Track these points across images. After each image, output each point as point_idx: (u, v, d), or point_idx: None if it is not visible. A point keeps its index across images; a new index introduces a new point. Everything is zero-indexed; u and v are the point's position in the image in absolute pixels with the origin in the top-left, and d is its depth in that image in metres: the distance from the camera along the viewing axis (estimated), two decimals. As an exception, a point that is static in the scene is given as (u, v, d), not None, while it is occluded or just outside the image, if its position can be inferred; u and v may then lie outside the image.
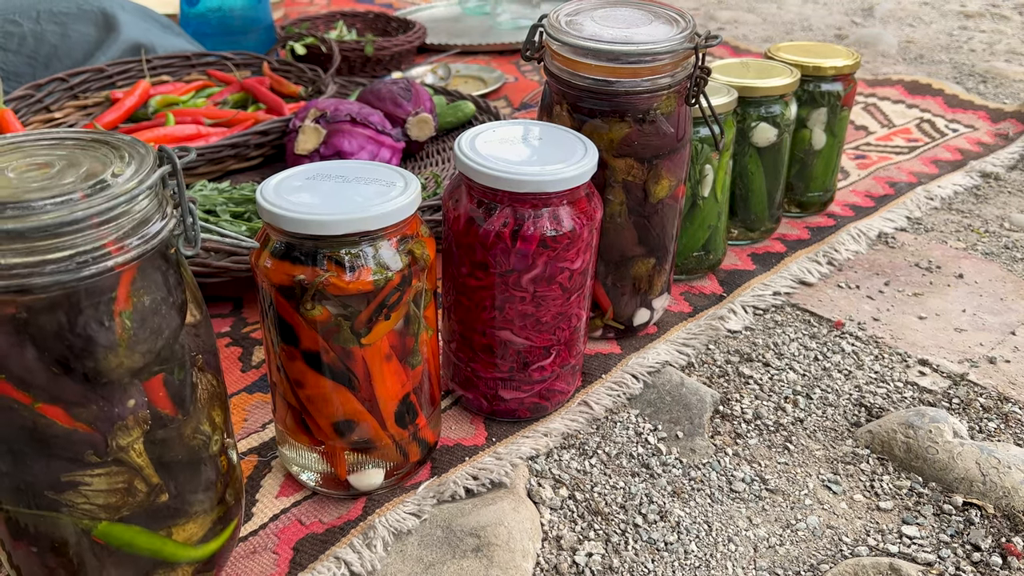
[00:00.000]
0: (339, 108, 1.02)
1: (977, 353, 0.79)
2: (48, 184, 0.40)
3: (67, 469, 0.44)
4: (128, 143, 0.45)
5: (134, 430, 0.44)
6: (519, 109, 1.37)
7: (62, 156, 0.44)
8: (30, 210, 0.38)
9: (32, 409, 0.42)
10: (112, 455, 0.44)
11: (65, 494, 0.44)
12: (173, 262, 0.45)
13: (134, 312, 0.42)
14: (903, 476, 0.65)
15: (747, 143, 0.88)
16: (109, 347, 0.42)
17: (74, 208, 0.38)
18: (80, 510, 0.45)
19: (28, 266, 0.38)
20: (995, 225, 1.03)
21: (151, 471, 0.46)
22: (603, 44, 0.65)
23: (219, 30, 1.44)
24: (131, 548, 0.47)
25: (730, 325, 0.82)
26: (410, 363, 0.57)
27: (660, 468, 0.65)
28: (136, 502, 0.46)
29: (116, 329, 0.42)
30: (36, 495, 0.44)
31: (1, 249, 0.38)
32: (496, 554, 0.56)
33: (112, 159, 0.43)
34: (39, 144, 0.45)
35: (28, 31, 1.20)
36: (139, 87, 1.18)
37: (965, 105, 1.37)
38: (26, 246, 0.38)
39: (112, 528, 0.46)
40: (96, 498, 0.45)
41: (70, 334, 0.41)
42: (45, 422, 0.42)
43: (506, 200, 0.59)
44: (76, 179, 0.41)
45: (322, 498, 0.61)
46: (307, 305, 0.52)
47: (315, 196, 0.53)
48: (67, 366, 0.41)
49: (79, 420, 0.42)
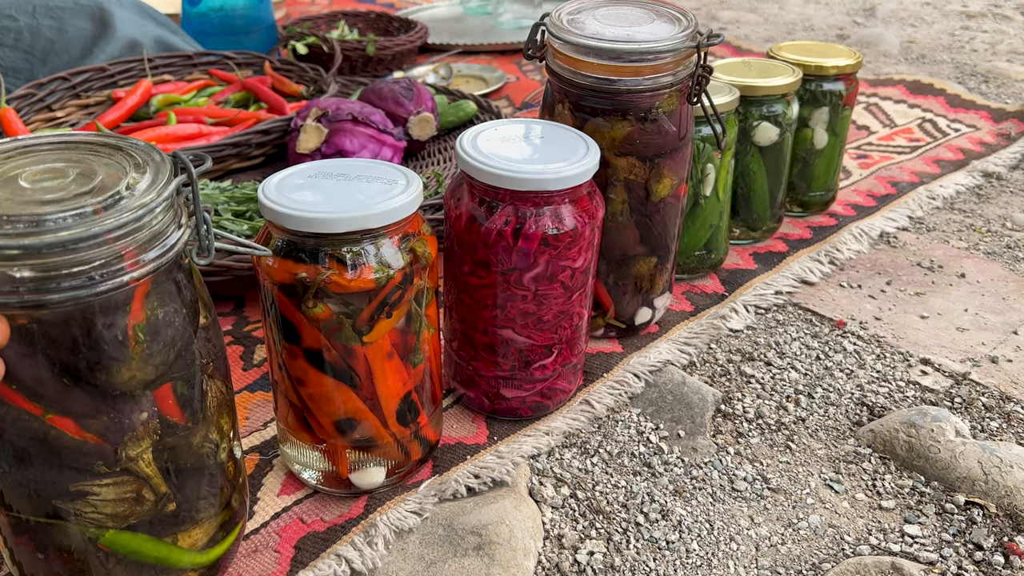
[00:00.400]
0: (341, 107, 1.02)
1: (979, 352, 0.79)
2: (62, 196, 0.39)
3: (76, 479, 0.43)
4: (143, 150, 0.44)
5: (144, 440, 0.44)
6: (520, 109, 1.37)
7: (76, 162, 0.43)
8: (43, 227, 0.37)
9: (42, 420, 0.41)
10: (121, 465, 0.43)
11: (73, 503, 0.44)
12: (186, 271, 0.44)
13: (147, 325, 0.42)
14: (905, 475, 0.65)
15: (749, 142, 0.88)
16: (122, 360, 0.41)
17: (90, 224, 0.37)
18: (88, 519, 0.44)
19: (41, 281, 0.37)
20: (997, 225, 1.03)
21: (159, 480, 0.45)
22: (605, 43, 0.65)
23: (221, 29, 1.44)
24: (137, 556, 0.47)
25: (732, 324, 0.82)
26: (412, 361, 0.57)
27: (662, 467, 0.65)
28: (143, 511, 0.46)
29: (129, 343, 0.41)
30: (44, 503, 0.44)
31: (15, 264, 0.37)
32: (497, 552, 0.56)
33: (127, 167, 0.42)
34: (53, 148, 0.44)
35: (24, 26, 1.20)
36: (141, 86, 1.18)
37: (967, 105, 1.37)
38: (40, 262, 0.37)
39: (119, 536, 0.46)
40: (104, 507, 0.44)
41: (82, 347, 0.40)
42: (55, 433, 0.41)
43: (508, 198, 0.59)
44: (91, 190, 0.40)
45: (323, 496, 0.61)
46: (309, 303, 0.52)
47: (317, 194, 0.53)
48: (78, 378, 0.40)
49: (89, 431, 0.42)
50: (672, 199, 0.72)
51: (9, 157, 0.43)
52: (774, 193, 0.93)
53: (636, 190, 0.70)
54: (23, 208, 0.38)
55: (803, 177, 0.99)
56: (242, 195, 0.92)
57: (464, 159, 0.60)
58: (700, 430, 0.69)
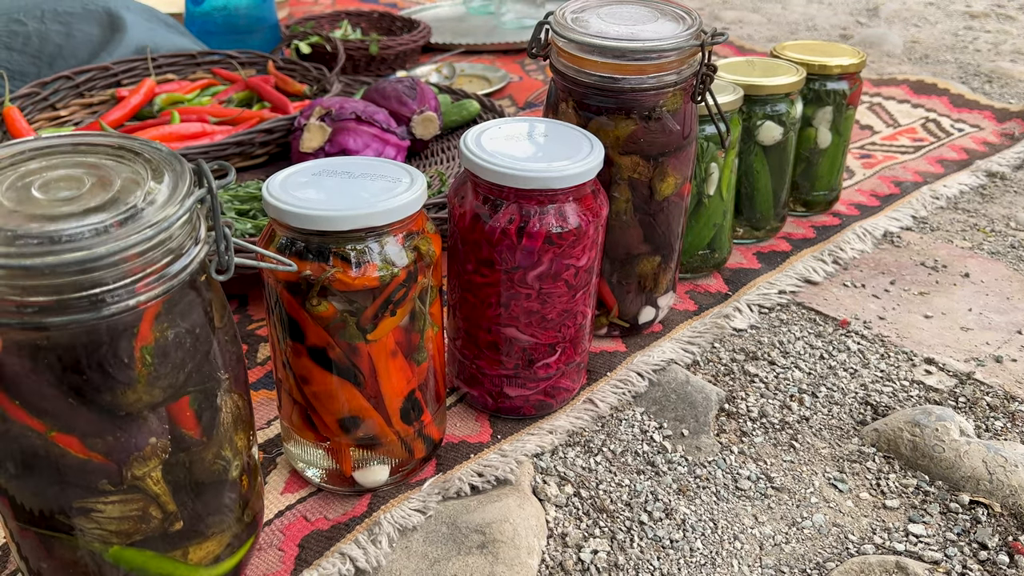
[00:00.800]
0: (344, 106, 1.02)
1: (983, 352, 0.79)
2: (75, 210, 0.37)
3: (80, 496, 0.42)
4: (165, 157, 0.41)
5: (151, 460, 0.42)
6: (523, 108, 1.37)
7: (92, 168, 0.41)
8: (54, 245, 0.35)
9: (46, 437, 0.40)
10: (127, 484, 0.42)
11: (78, 519, 0.43)
12: (203, 288, 0.42)
13: (156, 348, 0.40)
14: (909, 474, 0.65)
15: (753, 141, 0.88)
16: (127, 384, 0.39)
17: (103, 242, 0.35)
18: (92, 534, 0.43)
19: (45, 303, 0.35)
20: (1001, 224, 1.03)
21: (168, 499, 0.44)
22: (609, 41, 0.64)
23: (224, 29, 1.44)
24: (143, 572, 0.46)
25: (735, 323, 0.82)
26: (416, 359, 0.57)
27: (665, 466, 0.65)
28: (149, 528, 0.44)
29: (136, 366, 0.39)
30: (48, 517, 0.43)
31: (20, 286, 0.35)
32: (501, 551, 0.56)
33: (145, 175, 0.40)
34: (69, 151, 0.42)
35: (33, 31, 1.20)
36: (144, 85, 1.18)
37: (971, 105, 1.37)
38: (45, 283, 0.35)
39: (124, 552, 0.45)
40: (108, 524, 0.43)
41: (87, 368, 0.38)
42: (59, 451, 0.40)
43: (512, 197, 0.59)
44: (105, 203, 0.38)
45: (327, 495, 0.61)
46: (313, 301, 0.52)
47: (321, 192, 0.53)
48: (83, 398, 0.39)
49: (94, 450, 0.41)
50: (676, 198, 0.72)
51: (24, 160, 0.42)
52: (778, 192, 0.93)
53: (640, 189, 0.70)
54: (32, 224, 0.36)
55: (807, 176, 0.99)
56: (246, 194, 0.92)
57: (468, 157, 0.60)
58: (704, 429, 0.69)
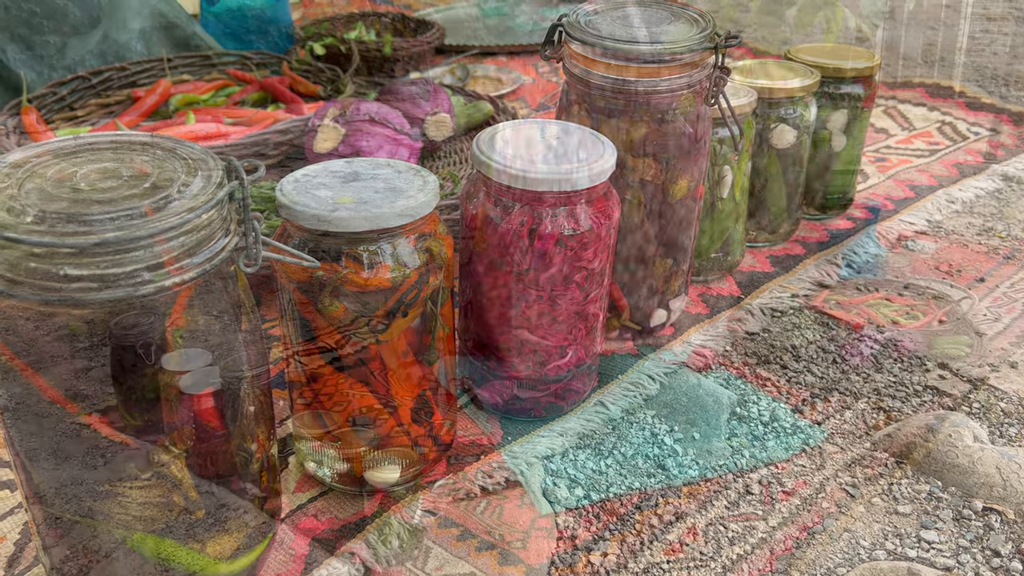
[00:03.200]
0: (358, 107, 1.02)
1: (997, 357, 0.79)
2: (114, 196, 0.39)
3: (107, 479, 0.43)
4: (198, 154, 0.43)
5: (178, 445, 0.44)
6: (537, 110, 1.37)
7: (130, 165, 0.42)
8: (92, 227, 0.37)
9: (77, 418, 0.41)
10: (154, 468, 0.43)
11: (103, 503, 0.43)
12: (232, 278, 0.44)
13: (187, 331, 0.41)
14: (922, 480, 0.64)
15: (766, 144, 0.88)
16: (159, 365, 0.41)
17: (139, 226, 0.37)
18: (117, 519, 0.44)
19: (85, 280, 0.37)
20: (1017, 229, 1.02)
21: (190, 486, 0.45)
22: (623, 43, 0.64)
23: (239, 30, 1.45)
24: (165, 561, 0.46)
25: (748, 327, 0.82)
26: (427, 360, 0.57)
27: (676, 469, 0.65)
28: (172, 516, 0.45)
29: (167, 348, 0.41)
30: (75, 501, 0.43)
31: (58, 262, 0.37)
32: (511, 552, 0.56)
33: (179, 170, 0.42)
34: (110, 147, 0.44)
35: None
36: (160, 86, 1.19)
37: (987, 108, 1.36)
38: (86, 260, 0.37)
39: (146, 540, 0.45)
40: (133, 509, 0.44)
41: (120, 350, 0.40)
42: (89, 432, 0.41)
43: (524, 199, 0.59)
44: (142, 192, 0.40)
45: (338, 494, 0.61)
46: (325, 301, 0.52)
47: (334, 193, 0.53)
48: (116, 379, 0.40)
49: (123, 433, 0.42)
50: (689, 200, 0.72)
51: (66, 155, 0.43)
52: (791, 196, 0.92)
53: (653, 191, 0.69)
54: (74, 207, 0.38)
55: (821, 180, 0.98)
56: (259, 194, 0.92)
57: (480, 159, 0.60)
58: (715, 433, 0.69)
